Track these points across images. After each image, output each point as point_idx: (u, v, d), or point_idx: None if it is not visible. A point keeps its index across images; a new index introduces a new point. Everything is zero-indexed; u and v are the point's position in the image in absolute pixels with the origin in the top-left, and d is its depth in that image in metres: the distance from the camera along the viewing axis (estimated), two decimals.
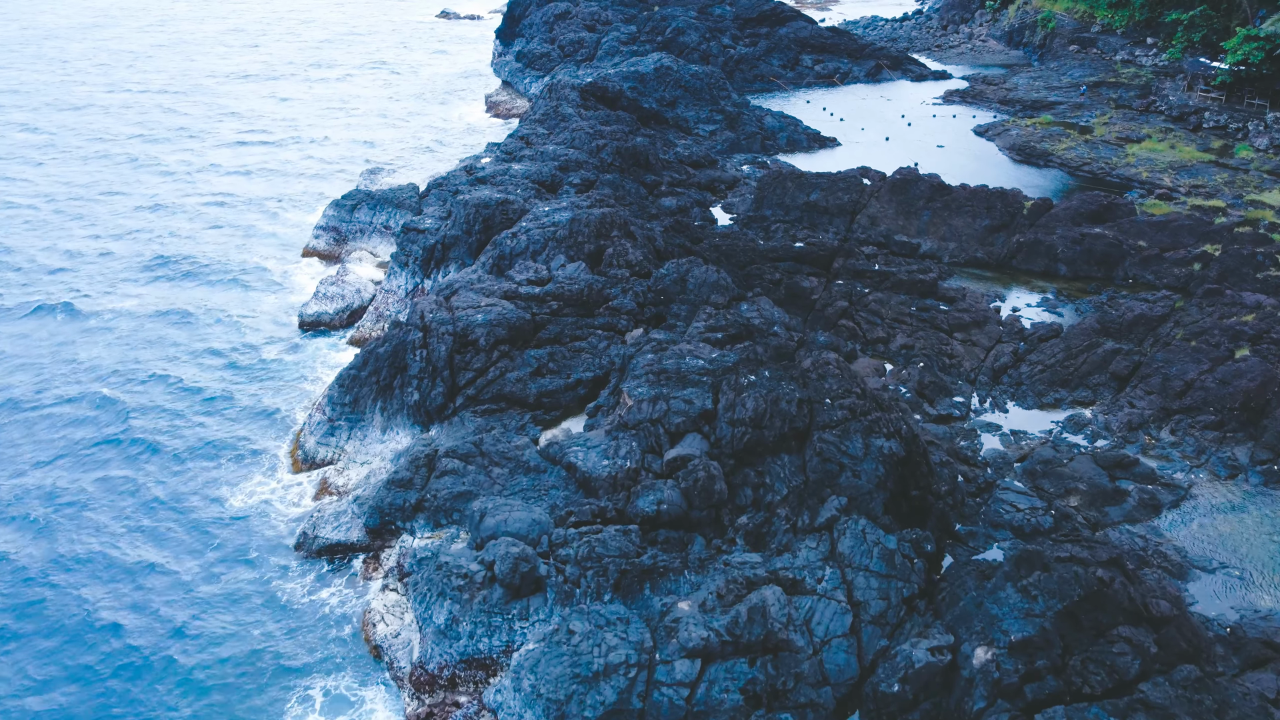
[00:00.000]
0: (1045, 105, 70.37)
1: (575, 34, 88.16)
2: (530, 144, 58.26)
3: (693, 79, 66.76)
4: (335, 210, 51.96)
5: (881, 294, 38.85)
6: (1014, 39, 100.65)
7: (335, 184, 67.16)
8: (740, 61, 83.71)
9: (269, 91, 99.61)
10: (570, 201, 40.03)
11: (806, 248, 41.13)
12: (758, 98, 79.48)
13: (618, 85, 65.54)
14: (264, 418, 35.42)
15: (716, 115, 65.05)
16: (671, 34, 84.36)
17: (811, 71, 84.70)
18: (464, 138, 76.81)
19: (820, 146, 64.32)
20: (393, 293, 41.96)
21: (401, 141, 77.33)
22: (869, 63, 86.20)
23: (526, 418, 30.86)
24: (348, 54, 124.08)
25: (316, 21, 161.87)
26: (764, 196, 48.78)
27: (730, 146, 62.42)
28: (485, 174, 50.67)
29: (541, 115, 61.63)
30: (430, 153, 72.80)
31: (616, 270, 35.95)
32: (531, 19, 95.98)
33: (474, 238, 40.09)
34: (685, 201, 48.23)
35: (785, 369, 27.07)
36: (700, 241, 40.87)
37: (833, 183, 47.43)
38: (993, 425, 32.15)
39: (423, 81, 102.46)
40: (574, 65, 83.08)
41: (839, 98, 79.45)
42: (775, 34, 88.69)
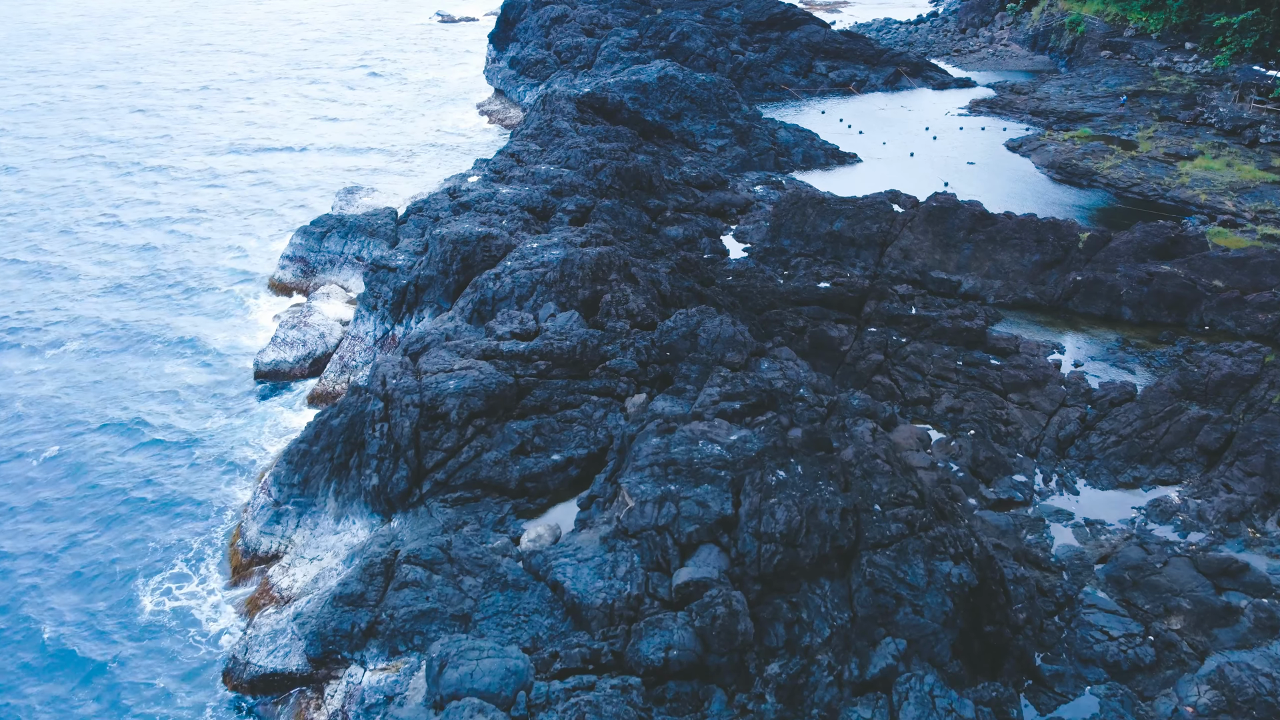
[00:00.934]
0: (1082, 117, 65.56)
1: (573, 39, 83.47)
2: (521, 162, 53.55)
3: (699, 89, 62.00)
4: (303, 238, 47.16)
5: (921, 344, 34.00)
6: (1038, 43, 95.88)
7: (313, 200, 62.45)
8: (749, 69, 78.97)
9: (251, 96, 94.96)
10: (562, 237, 35.22)
11: (833, 288, 36.28)
12: (768, 108, 74.72)
13: (618, 96, 60.79)
14: (202, 494, 30.59)
15: (725, 129, 60.28)
16: (675, 39, 79.63)
17: (826, 79, 79.93)
18: (452, 151, 72.09)
19: (839, 163, 59.51)
20: (359, 339, 37.15)
21: (385, 155, 72.62)
22: (887, 69, 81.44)
23: (507, 508, 26.00)
24: (336, 57, 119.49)
25: (309, 23, 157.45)
26: (781, 224, 43.98)
27: (741, 164, 57.62)
28: (470, 198, 45.90)
29: (534, 130, 56.89)
30: (414, 169, 68.07)
31: (615, 322, 31.11)
32: (527, 22, 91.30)
33: (451, 279, 35.27)
34: (693, 230, 43.41)
35: (822, 461, 22.22)
36: (711, 283, 36.04)
37: (859, 210, 42.61)
38: (1063, 512, 27.26)
39: (412, 88, 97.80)
40: (571, 73, 78.37)
41: (856, 108, 74.66)
42: (786, 39, 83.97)
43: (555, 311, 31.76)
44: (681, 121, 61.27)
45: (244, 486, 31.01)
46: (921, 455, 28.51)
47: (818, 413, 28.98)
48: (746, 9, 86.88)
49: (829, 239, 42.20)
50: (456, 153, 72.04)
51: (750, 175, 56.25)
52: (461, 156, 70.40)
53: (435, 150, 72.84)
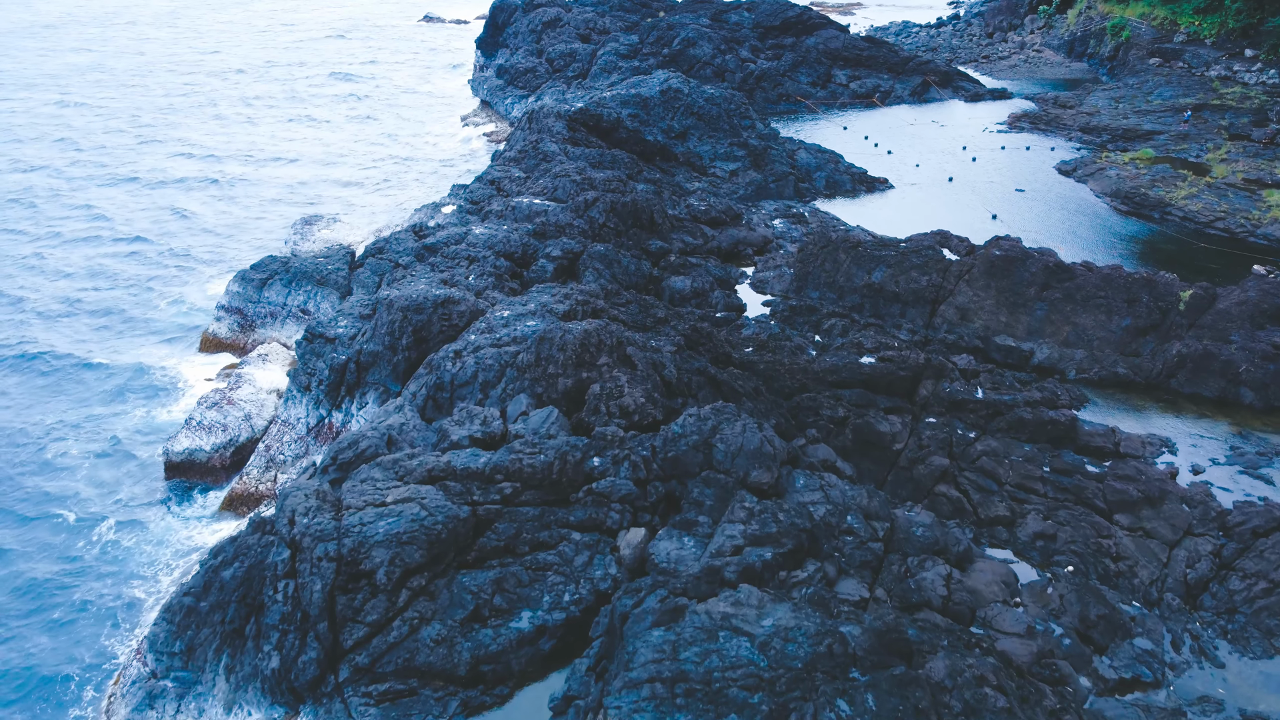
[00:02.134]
0: (1140, 135, 58.81)
1: (567, 45, 76.83)
2: (502, 191, 46.91)
3: (708, 104, 55.27)
4: (240, 285, 40.43)
5: (995, 440, 27.20)
6: (1075, 49, 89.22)
7: (269, 226, 55.83)
8: (761, 79, 72.29)
9: (218, 101, 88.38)
10: (541, 303, 28.46)
11: (880, 365, 29.46)
12: (783, 122, 68.02)
13: (615, 112, 54.09)
14: (67, 649, 23.80)
15: (738, 150, 53.53)
16: (680, 45, 72.99)
17: (846, 90, 73.23)
18: (430, 173, 65.43)
19: (867, 189, 52.77)
20: (290, 427, 30.39)
21: (355, 172, 65.98)
22: (914, 79, 74.75)
23: (454, 705, 19.21)
24: (315, 63, 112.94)
25: (295, 25, 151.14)
26: (808, 273, 37.24)
27: (756, 191, 50.86)
28: (437, 238, 39.26)
29: (518, 152, 50.21)
30: (385, 193, 61.40)
31: (605, 424, 24.33)
32: (516, 26, 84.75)
33: (401, 355, 28.51)
34: (703, 281, 36.64)
35: (901, 686, 15.42)
36: (728, 360, 29.20)
37: (903, 257, 35.85)
38: (1209, 701, 20.45)
39: (391, 98, 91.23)
40: (564, 83, 71.71)
41: (882, 122, 67.95)
42: (802, 45, 77.32)
43: (528, 406, 24.98)
44: (687, 141, 54.56)
45: (126, 639, 24.25)
46: (1012, 615, 21.71)
47: (872, 551, 22.25)
48: (758, 12, 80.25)
49: (867, 293, 35.43)
50: (435, 174, 65.41)
51: (767, 205, 49.52)
52: (439, 179, 63.76)
53: (411, 170, 66.21)
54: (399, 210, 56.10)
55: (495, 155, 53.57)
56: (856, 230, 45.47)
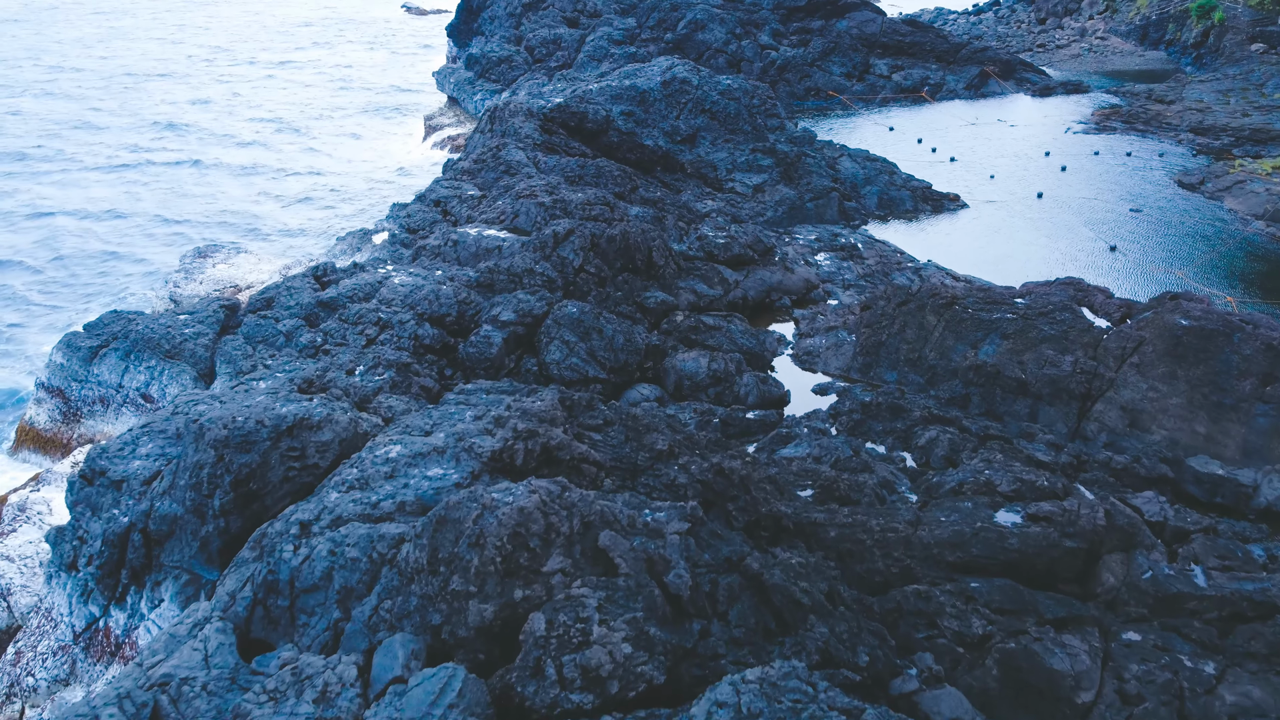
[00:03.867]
0: (1273, 137, 47.32)
1: (550, 31, 65.48)
2: (448, 214, 35.63)
3: (724, 98, 43.80)
4: (65, 355, 28.92)
5: (1248, 675, 15.66)
6: (1150, 36, 77.83)
7: (160, 257, 44.57)
8: (785, 69, 60.89)
9: (157, 97, 77.20)
10: (452, 435, 16.89)
11: (1034, 533, 17.84)
12: (814, 122, 56.67)
13: (604, 109, 42.66)
14: None
15: (763, 158, 42.03)
16: (686, 29, 61.61)
17: (889, 83, 61.77)
18: (380, 185, 54.12)
19: (933, 209, 41.33)
20: (52, 625, 18.91)
21: (287, 191, 54.64)
22: (969, 70, 63.29)
23: None
24: (279, 47, 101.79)
25: (264, 12, 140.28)
26: (879, 342, 25.82)
27: (789, 213, 39.41)
28: (342, 289, 27.99)
29: (475, 161, 38.84)
30: (314, 213, 50.05)
31: (554, 701, 12.79)
32: (493, 10, 73.41)
33: (213, 524, 17.00)
34: (725, 361, 25.08)
35: None
36: (776, 527, 17.56)
37: (1025, 323, 24.38)
38: None
39: (352, 93, 79.95)
40: (545, 75, 60.35)
41: (934, 121, 56.51)
42: (832, 29, 65.90)
43: (409, 661, 13.47)
44: (698, 147, 43.07)
45: None
46: None
47: None
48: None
49: (975, 378, 23.94)
50: (386, 186, 54.07)
51: (805, 233, 38.07)
52: (387, 195, 52.44)
53: (355, 184, 54.86)
54: (324, 236, 44.78)
55: (447, 167, 42.16)
56: (930, 268, 34.04)
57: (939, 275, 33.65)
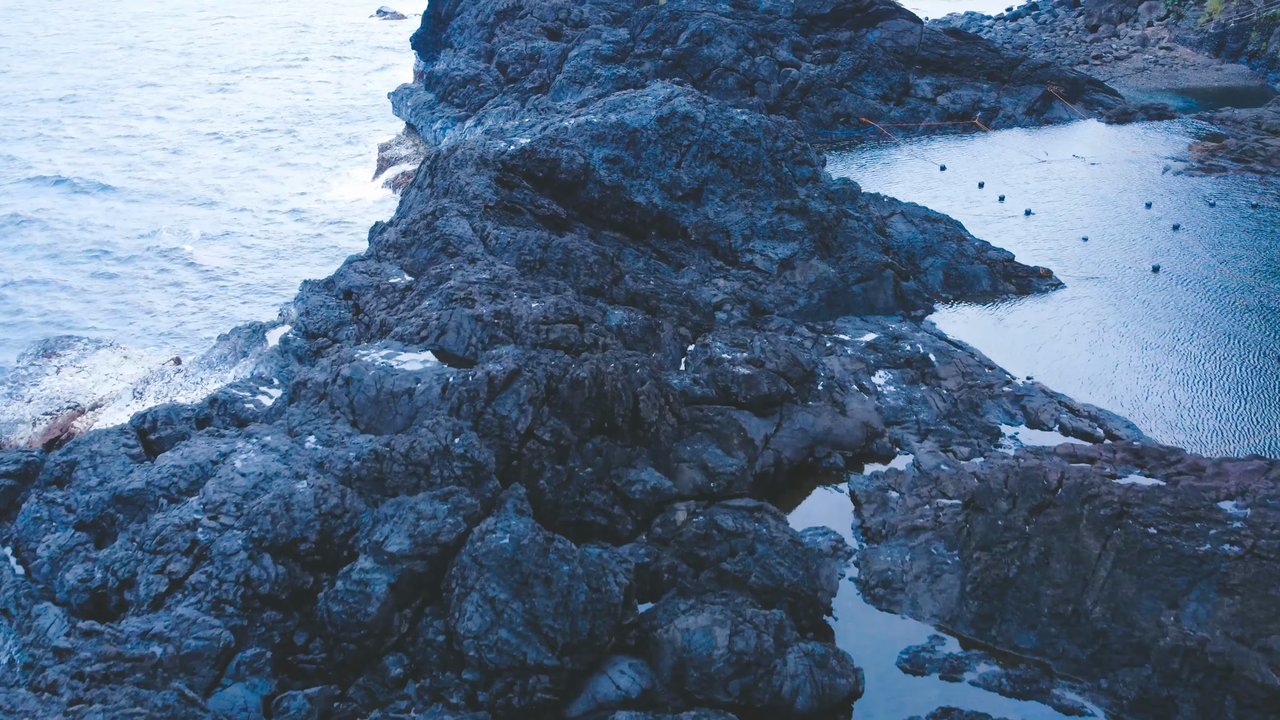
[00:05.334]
0: None
1: (526, 44, 55.98)
2: (360, 313, 26.28)
3: (738, 139, 34.14)
4: None
5: None
6: (1227, 46, 68.29)
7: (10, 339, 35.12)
8: (809, 90, 51.34)
9: (80, 116, 67.80)
10: None
11: None
12: (844, 157, 47.17)
13: (580, 155, 33.08)
14: None
15: (791, 219, 32.33)
16: (689, 43, 52.06)
17: (934, 107, 52.15)
18: (310, 239, 44.64)
19: (1018, 290, 31.72)
20: None
21: (208, 224, 45.21)
22: (1028, 90, 53.68)
23: None
24: (236, 55, 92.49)
25: (236, 16, 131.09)
26: (1002, 577, 16.13)
27: (829, 299, 29.74)
28: (161, 474, 18.39)
29: (405, 233, 29.25)
30: (230, 257, 40.58)
31: None
32: (463, 18, 63.94)
33: None
34: (752, 637, 15.28)
35: None
36: None
37: (1259, 564, 14.69)
38: None
39: (304, 116, 70.48)
40: (518, 99, 50.82)
41: (994, 157, 46.91)
42: (863, 41, 56.31)
43: None
44: (705, 204, 33.39)
45: None
46: None
47: None
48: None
49: (1178, 667, 14.26)
50: (316, 240, 44.57)
51: (852, 330, 28.43)
52: (318, 253, 42.94)
53: (279, 235, 45.36)
54: (214, 320, 35.18)
55: (374, 233, 32.57)
56: (1035, 395, 24.46)
57: (1050, 408, 24.04)
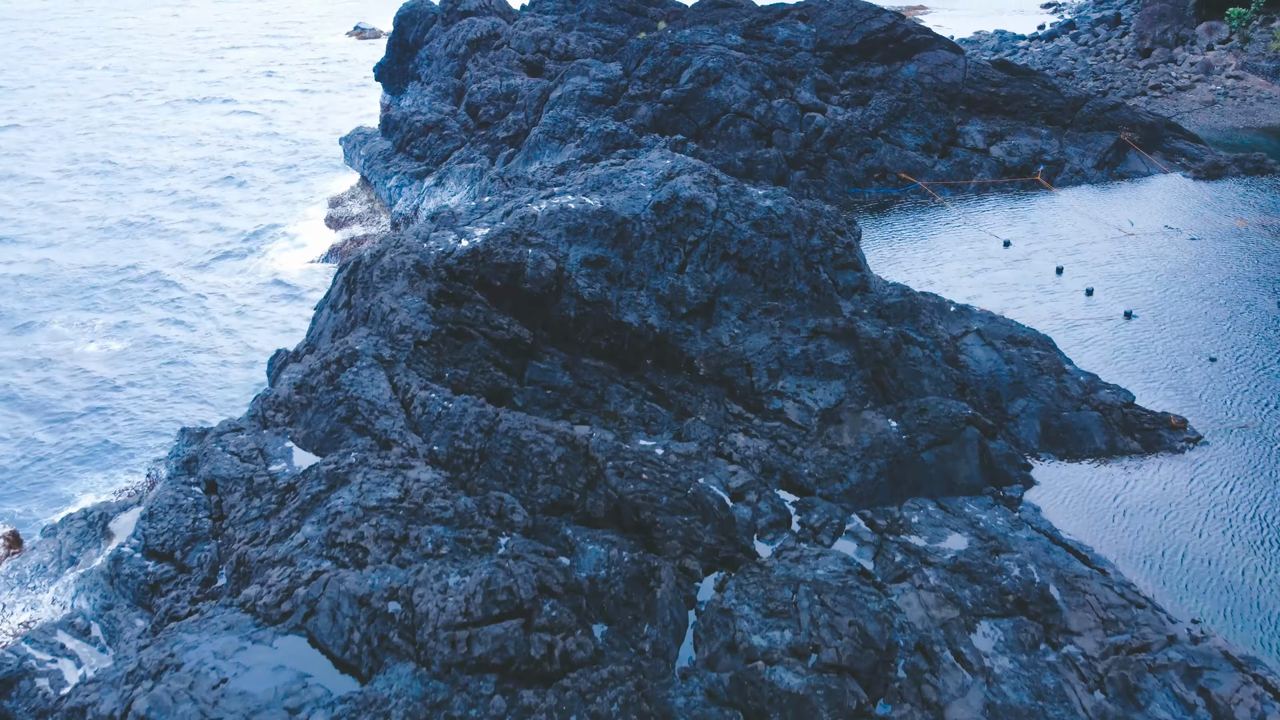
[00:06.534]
0: None
1: (501, 81, 48.16)
2: (221, 529, 18.20)
3: (761, 234, 26.18)
4: None
5: None
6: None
7: None
8: (837, 140, 43.48)
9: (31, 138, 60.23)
10: None
11: None
12: (881, 223, 39.40)
13: (550, 258, 25.20)
14: None
15: (833, 349, 24.37)
16: (693, 83, 44.18)
17: (986, 159, 44.21)
18: (216, 337, 36.82)
19: (1144, 445, 23.75)
20: None
21: (96, 293, 37.55)
22: (1097, 139, 45.74)
23: None
24: (193, 75, 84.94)
25: (207, 32, 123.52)
26: None
27: (889, 471, 21.72)
28: None
29: (298, 390, 21.28)
30: (112, 369, 32.86)
31: None
32: (432, 47, 56.16)
33: None
34: None
35: None
36: None
37: None
38: None
39: (252, 156, 62.69)
40: (488, 151, 42.95)
41: (1064, 223, 39.01)
42: (898, 77, 48.47)
43: None
44: (717, 325, 25.39)
45: None
46: None
47: None
48: (821, 23, 51.22)
49: None
50: (234, 344, 36.75)
51: (925, 524, 20.43)
52: (219, 378, 35.03)
53: (203, 328, 37.52)
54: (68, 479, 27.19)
55: (272, 365, 24.59)
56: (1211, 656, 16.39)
57: (1248, 695, 16.05)
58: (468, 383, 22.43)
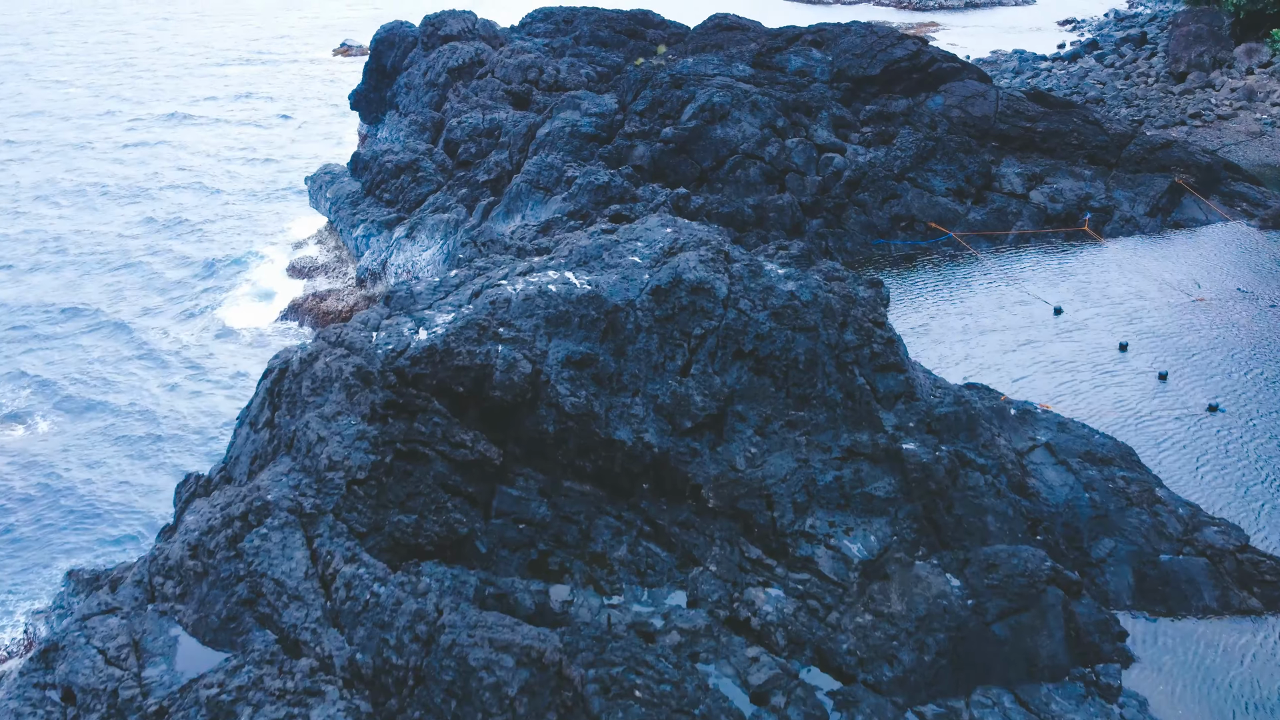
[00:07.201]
0: None
1: (484, 115, 43.75)
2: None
3: (781, 327, 21.58)
4: None
5: None
6: None
7: None
8: (858, 184, 39.02)
9: None
10: None
11: None
12: (906, 283, 34.95)
13: (525, 357, 20.58)
14: None
15: (873, 475, 19.78)
16: (696, 120, 39.70)
17: (1026, 205, 39.72)
18: (161, 452, 32.38)
19: (1263, 603, 19.05)
20: None
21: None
22: (1147, 181, 41.27)
23: None
24: (165, 95, 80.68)
25: (193, 48, 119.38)
26: None
27: (950, 649, 17.09)
28: None
29: (192, 554, 16.57)
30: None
31: None
32: (410, 74, 51.77)
33: None
34: None
35: None
36: None
37: None
38: None
39: (226, 183, 58.40)
40: (465, 199, 38.53)
41: (1117, 282, 34.52)
42: (922, 110, 44.03)
43: None
44: (730, 440, 20.74)
45: None
46: None
47: None
48: (837, 52, 46.73)
49: None
50: (159, 414, 32.17)
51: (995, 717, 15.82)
52: (148, 482, 30.42)
53: (122, 391, 33.02)
54: None
55: (181, 492, 19.98)
56: None
57: None
58: (416, 530, 17.85)
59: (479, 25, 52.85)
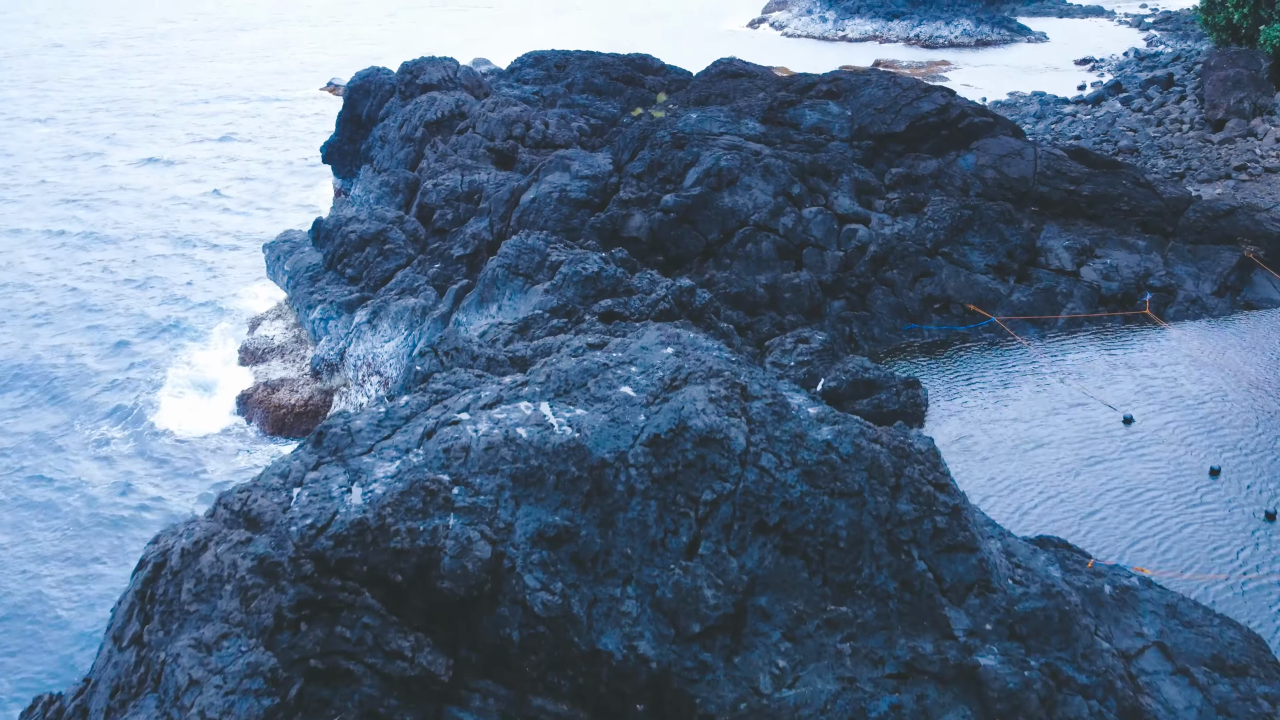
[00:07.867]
0: None
1: (462, 176, 39.26)
2: None
3: (816, 491, 16.86)
4: None
5: None
6: None
7: None
8: (885, 261, 34.46)
9: None
10: None
11: None
12: (940, 374, 30.29)
13: (481, 535, 15.82)
14: None
15: (941, 698, 14.90)
16: (701, 186, 35.16)
17: (1076, 284, 35.08)
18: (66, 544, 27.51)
19: None
20: None
21: None
22: (1211, 254, 36.71)
23: None
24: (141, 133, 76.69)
25: (190, 83, 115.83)
26: None
27: None
28: None
29: None
30: None
31: None
32: (386, 126, 47.42)
33: None
34: None
35: None
36: None
37: None
38: None
39: (188, 236, 54.07)
40: (434, 287, 33.88)
41: (1186, 377, 29.77)
42: (952, 169, 39.54)
43: None
44: (750, 648, 15.92)
45: None
46: None
47: None
48: (858, 103, 42.31)
49: None
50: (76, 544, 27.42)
51: None
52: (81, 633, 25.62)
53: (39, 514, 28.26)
54: None
55: None
56: None
57: None
58: None
59: (461, 74, 48.55)
